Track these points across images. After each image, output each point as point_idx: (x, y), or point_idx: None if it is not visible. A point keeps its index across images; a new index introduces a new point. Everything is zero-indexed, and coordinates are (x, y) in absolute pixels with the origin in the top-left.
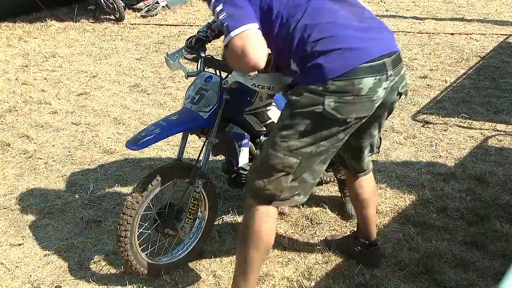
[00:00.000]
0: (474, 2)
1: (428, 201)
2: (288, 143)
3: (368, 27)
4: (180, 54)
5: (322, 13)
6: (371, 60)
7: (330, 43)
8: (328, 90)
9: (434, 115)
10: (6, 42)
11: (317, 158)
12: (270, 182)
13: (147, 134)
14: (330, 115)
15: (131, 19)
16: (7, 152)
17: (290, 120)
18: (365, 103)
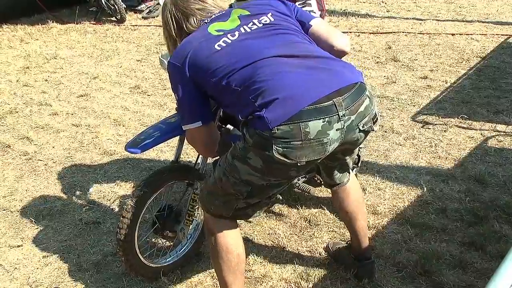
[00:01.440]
0: (475, 3)
1: (427, 202)
2: (239, 174)
3: (314, 69)
4: None
5: (263, 69)
6: (315, 102)
7: (268, 95)
8: (275, 136)
9: (434, 115)
10: (8, 43)
11: (270, 190)
12: (220, 202)
13: (146, 137)
14: (279, 160)
15: (132, 21)
16: (8, 154)
17: (243, 153)
18: (315, 147)
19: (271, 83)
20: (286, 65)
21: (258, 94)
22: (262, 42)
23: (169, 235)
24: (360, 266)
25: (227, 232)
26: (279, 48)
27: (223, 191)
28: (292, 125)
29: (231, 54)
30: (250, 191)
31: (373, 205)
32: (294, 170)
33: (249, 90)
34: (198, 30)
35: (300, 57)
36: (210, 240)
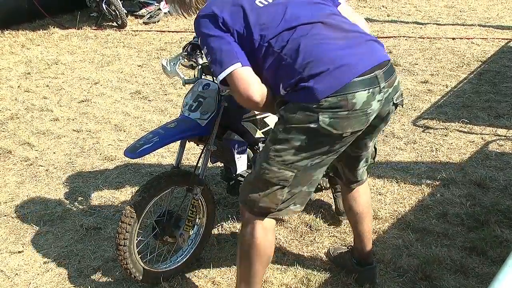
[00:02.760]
0: (475, 7)
1: (428, 207)
2: (283, 157)
3: (355, 42)
4: (177, 61)
5: (306, 38)
6: (361, 74)
7: (316, 66)
8: (322, 107)
9: (434, 120)
10: (9, 49)
11: (313, 170)
12: (265, 195)
13: (145, 142)
14: (325, 131)
15: (133, 26)
16: (9, 159)
17: (284, 135)
18: (359, 117)
19: (318, 53)
20: (329, 36)
21: (305, 64)
22: (303, 9)
23: (169, 240)
24: (362, 272)
25: (268, 232)
26: (318, 17)
27: (267, 182)
28: (340, 97)
29: (274, 14)
30: (295, 177)
31: (374, 210)
32: (338, 143)
33: (294, 58)
34: None
35: (336, 29)
36: (248, 241)
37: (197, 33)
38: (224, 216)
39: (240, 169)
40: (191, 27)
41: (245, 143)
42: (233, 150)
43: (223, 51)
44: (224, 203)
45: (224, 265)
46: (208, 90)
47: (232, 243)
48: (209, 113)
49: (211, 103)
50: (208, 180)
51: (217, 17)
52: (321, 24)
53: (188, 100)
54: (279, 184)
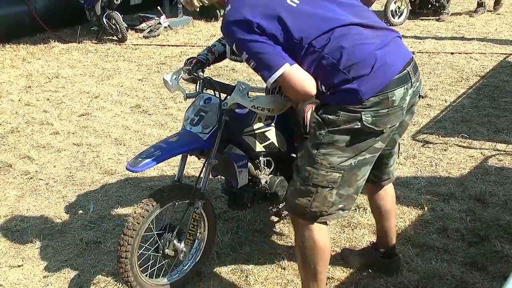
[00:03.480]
0: (474, 22)
1: (428, 222)
2: (329, 160)
3: (386, 40)
4: (179, 75)
5: (347, 38)
6: (398, 73)
7: (361, 68)
8: (365, 107)
9: (434, 134)
10: (10, 63)
11: (358, 170)
12: (315, 199)
13: (147, 156)
14: (368, 129)
15: (134, 40)
16: (9, 173)
17: (328, 138)
18: (397, 113)
19: (361, 55)
20: (367, 36)
21: (350, 66)
22: (334, 7)
23: (170, 254)
24: (388, 263)
25: (325, 233)
26: (355, 16)
27: (316, 187)
28: (382, 96)
29: (311, 15)
30: (342, 177)
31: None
32: (379, 140)
33: (337, 58)
34: None
35: (370, 27)
36: (310, 246)
37: (231, 39)
38: (224, 231)
39: (241, 183)
40: (191, 41)
41: (246, 157)
42: (234, 164)
43: (268, 54)
44: (225, 217)
45: (224, 280)
46: (210, 104)
47: (232, 258)
48: (210, 127)
49: (212, 117)
50: (208, 194)
51: (252, 23)
52: (358, 24)
53: (190, 114)
54: (328, 186)
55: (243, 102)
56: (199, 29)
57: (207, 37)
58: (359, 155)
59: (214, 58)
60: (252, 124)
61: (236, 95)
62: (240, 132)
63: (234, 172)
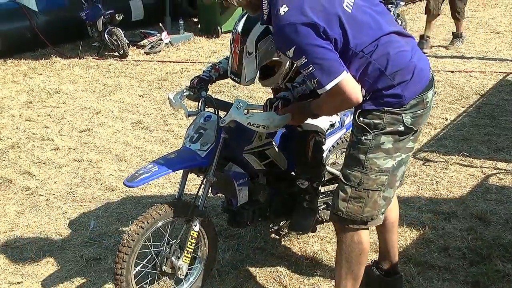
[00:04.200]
0: (473, 40)
1: (429, 240)
2: (377, 163)
3: (413, 46)
4: (182, 93)
5: (390, 46)
6: (429, 77)
7: (404, 74)
8: (405, 109)
9: (434, 153)
10: (12, 78)
11: (398, 171)
12: (367, 204)
13: (144, 172)
14: (408, 130)
15: (135, 56)
16: (9, 189)
17: (375, 142)
18: (428, 113)
19: (403, 62)
20: (403, 44)
21: (395, 73)
22: (374, 15)
23: (168, 271)
24: (390, 282)
25: (368, 237)
26: (390, 25)
27: (367, 191)
28: (418, 98)
29: (362, 22)
30: (388, 179)
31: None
32: (412, 140)
33: (384, 65)
34: None
35: (401, 35)
36: (358, 249)
37: (290, 43)
38: (225, 248)
39: (241, 201)
40: (192, 57)
41: (246, 175)
42: (234, 182)
43: (330, 60)
44: (225, 235)
45: None
46: (209, 122)
47: (234, 276)
48: (208, 144)
49: (210, 135)
50: (209, 211)
51: (318, 26)
52: (394, 32)
53: (190, 132)
54: (378, 189)
55: (239, 119)
56: (200, 46)
57: (208, 53)
58: (397, 155)
59: (219, 75)
60: (252, 142)
61: (233, 112)
62: (240, 150)
63: (234, 190)
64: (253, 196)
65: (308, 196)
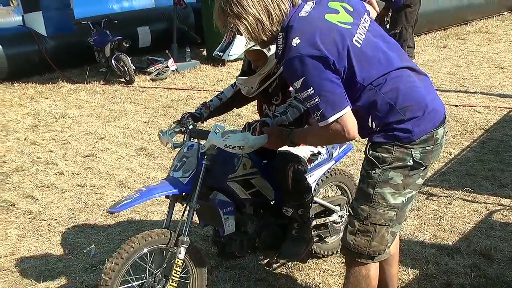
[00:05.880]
0: (478, 75)
1: (432, 276)
2: (386, 199)
3: (427, 84)
4: (171, 129)
5: (402, 80)
6: (442, 117)
7: (415, 110)
8: (414, 144)
9: (438, 187)
10: (18, 101)
11: (407, 206)
12: (373, 239)
13: (126, 199)
14: (417, 165)
15: (141, 82)
16: (11, 212)
17: (384, 177)
18: (438, 149)
19: (415, 98)
20: (414, 79)
21: (406, 108)
22: (385, 49)
23: None
24: None
25: (377, 271)
26: (402, 61)
27: (374, 226)
28: (428, 134)
29: (371, 56)
30: (396, 215)
31: None
32: (422, 176)
33: (394, 99)
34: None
35: (414, 71)
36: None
37: (300, 74)
38: (226, 278)
39: (228, 230)
40: (197, 85)
41: (232, 203)
42: (219, 211)
43: (336, 94)
44: (226, 265)
45: None
46: (192, 150)
47: None
48: (190, 171)
49: (192, 161)
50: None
51: (328, 60)
52: (407, 67)
53: (175, 162)
54: (385, 224)
55: (216, 142)
56: (206, 74)
57: (214, 81)
58: (407, 191)
59: (209, 113)
60: (236, 171)
61: (211, 137)
62: (224, 178)
63: (220, 219)
64: (241, 227)
65: (296, 224)
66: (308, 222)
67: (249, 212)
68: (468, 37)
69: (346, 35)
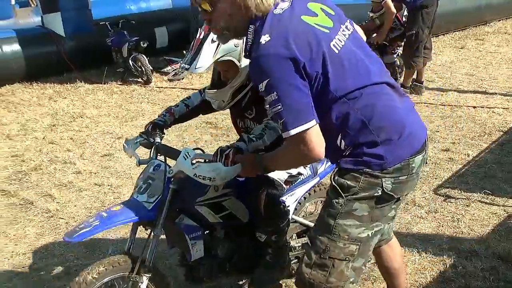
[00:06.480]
0: (496, 76)
1: (450, 279)
2: (347, 231)
3: (408, 106)
4: (136, 141)
5: (379, 96)
6: (422, 143)
7: (391, 132)
8: (386, 173)
9: (456, 189)
10: (37, 101)
11: (372, 240)
12: (331, 274)
13: (85, 226)
14: (388, 196)
15: (158, 82)
16: (30, 211)
17: (347, 208)
18: (414, 180)
19: (391, 118)
20: (393, 98)
21: (380, 128)
22: (364, 61)
23: None
24: None
25: None
26: (383, 76)
27: (332, 260)
28: (403, 162)
29: (349, 65)
30: (359, 249)
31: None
32: (394, 208)
33: (368, 117)
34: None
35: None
36: None
37: (265, 76)
38: None
39: (196, 255)
40: None
41: (200, 228)
42: (186, 236)
43: (302, 104)
44: None
45: None
46: (158, 172)
47: None
48: (156, 196)
49: (158, 186)
50: None
51: (299, 62)
52: (386, 83)
53: (139, 182)
54: (345, 259)
55: (185, 170)
56: None
57: None
58: (375, 225)
59: (174, 120)
60: (206, 193)
61: (180, 162)
62: (192, 202)
63: (187, 244)
64: (211, 250)
65: (270, 250)
66: (283, 248)
67: (219, 235)
68: (486, 38)
69: (322, 38)
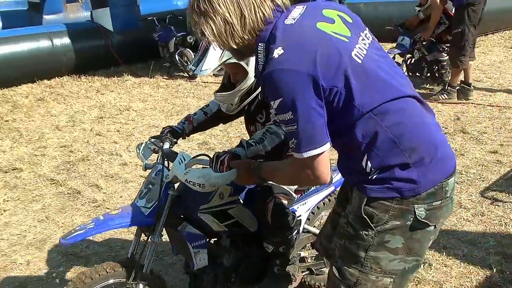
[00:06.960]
0: None
1: (497, 284)
2: (379, 263)
3: (437, 123)
4: (146, 146)
5: (408, 112)
6: (455, 165)
7: (423, 152)
8: (419, 198)
9: (504, 192)
10: (85, 93)
11: (410, 273)
12: None
13: (80, 229)
14: (421, 225)
15: (204, 78)
16: (77, 200)
17: (378, 239)
18: (449, 204)
19: (423, 137)
20: (423, 114)
21: (412, 149)
22: (390, 72)
23: None
24: None
25: None
26: (407, 86)
27: None
28: (437, 186)
29: (375, 77)
30: (394, 282)
31: (439, 282)
32: (431, 238)
33: (398, 136)
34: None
35: (421, 103)
36: None
37: (278, 93)
38: None
39: (200, 264)
40: None
41: (204, 236)
42: (188, 244)
43: (317, 127)
44: None
45: None
46: (158, 177)
47: None
48: (153, 202)
49: (155, 191)
50: None
51: (315, 78)
52: (414, 97)
53: (142, 187)
54: None
55: (178, 175)
56: None
57: None
58: (411, 256)
59: (192, 128)
60: (210, 201)
61: (174, 167)
62: (195, 209)
63: (190, 252)
64: (216, 259)
65: (278, 261)
66: (292, 259)
67: (225, 244)
68: None
69: (342, 48)
